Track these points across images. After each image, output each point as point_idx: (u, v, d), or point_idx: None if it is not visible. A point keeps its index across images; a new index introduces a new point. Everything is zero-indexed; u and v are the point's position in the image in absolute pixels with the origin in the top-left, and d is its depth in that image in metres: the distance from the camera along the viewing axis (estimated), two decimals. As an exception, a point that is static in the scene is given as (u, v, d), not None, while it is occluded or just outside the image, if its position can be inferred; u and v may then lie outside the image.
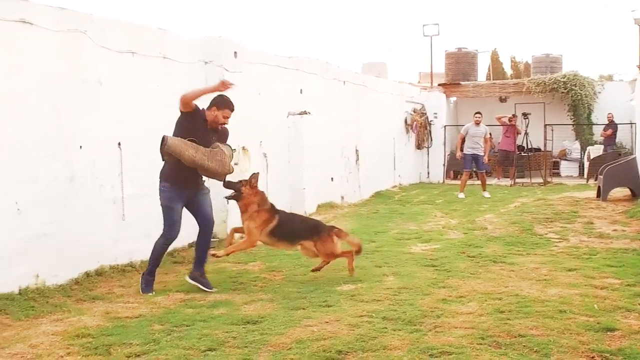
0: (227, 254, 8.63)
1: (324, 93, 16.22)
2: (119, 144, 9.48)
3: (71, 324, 6.78)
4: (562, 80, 25.08)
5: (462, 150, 19.09)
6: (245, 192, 8.64)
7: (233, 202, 11.42)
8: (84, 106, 8.91)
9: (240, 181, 8.78)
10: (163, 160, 8.15)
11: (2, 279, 7.58)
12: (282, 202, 13.98)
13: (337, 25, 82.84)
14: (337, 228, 9.11)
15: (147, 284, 8.27)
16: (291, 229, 8.82)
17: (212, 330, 6.46)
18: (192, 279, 8.34)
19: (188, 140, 8.07)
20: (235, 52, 11.81)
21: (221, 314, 7.07)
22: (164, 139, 7.99)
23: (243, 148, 11.96)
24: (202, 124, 8.33)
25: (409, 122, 23.01)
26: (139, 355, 5.80)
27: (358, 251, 9.01)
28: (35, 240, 8.08)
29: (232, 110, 8.50)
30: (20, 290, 7.75)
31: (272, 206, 8.84)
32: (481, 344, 5.93)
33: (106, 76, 9.31)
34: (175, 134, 8.20)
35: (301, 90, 15.04)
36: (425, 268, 9.28)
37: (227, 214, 11.48)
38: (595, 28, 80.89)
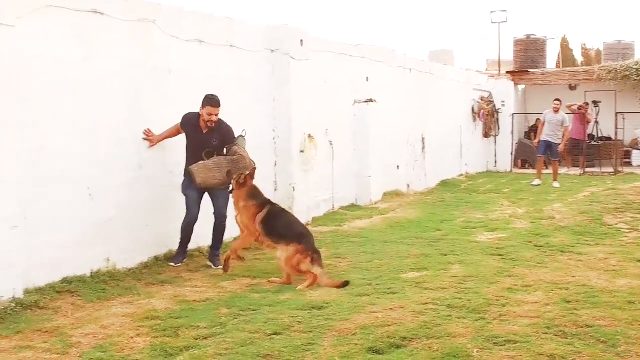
0: (235, 253, 8.61)
1: (390, 81, 16.17)
2: (188, 131, 9.63)
3: (141, 307, 6.96)
4: (635, 67, 24.42)
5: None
6: (233, 186, 8.55)
7: (299, 190, 11.64)
8: (154, 94, 9.08)
9: (233, 176, 8.61)
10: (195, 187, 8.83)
11: (75, 262, 7.81)
12: (348, 190, 14.11)
13: (404, 12, 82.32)
14: (317, 254, 8.14)
15: (176, 256, 9.03)
16: (278, 227, 8.30)
17: (277, 314, 6.55)
18: (209, 260, 9.15)
19: (206, 154, 8.78)
20: (301, 40, 11.86)
21: (287, 299, 7.16)
22: (192, 177, 8.70)
23: (309, 136, 12.02)
24: (196, 132, 8.97)
25: (476, 110, 22.78)
26: (206, 338, 5.92)
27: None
28: (107, 225, 8.29)
29: (212, 106, 8.83)
30: (92, 273, 7.97)
31: (263, 201, 8.48)
32: (547, 333, 5.89)
33: (175, 64, 9.46)
34: (186, 149, 9.04)
35: (367, 78, 15.02)
36: (491, 257, 9.22)
37: (293, 201, 11.57)
38: (670, 14, 78.65)
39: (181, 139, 9.33)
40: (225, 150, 9.01)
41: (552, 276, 8.02)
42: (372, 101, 14.73)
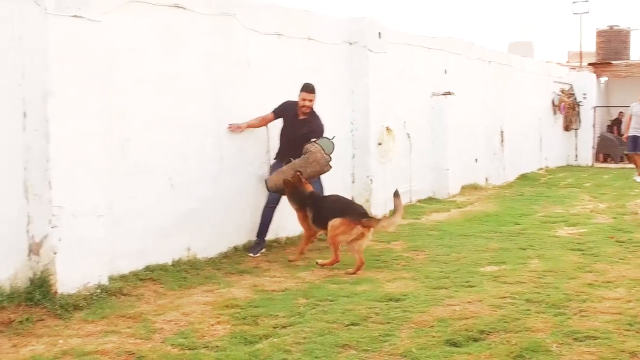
0: (301, 254, 8.82)
1: (468, 73, 16.03)
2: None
3: (221, 295, 7.09)
4: None
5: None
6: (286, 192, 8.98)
7: (377, 182, 11.67)
8: (234, 87, 9.22)
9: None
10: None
11: (158, 251, 8.00)
12: (425, 183, 14.07)
13: (483, 4, 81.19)
14: (369, 218, 8.59)
15: (255, 246, 9.13)
16: (323, 216, 8.55)
17: (355, 305, 6.59)
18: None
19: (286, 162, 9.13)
20: (379, 33, 11.85)
21: (364, 291, 7.20)
22: (266, 185, 9.20)
23: (387, 128, 12.01)
24: (291, 118, 9.43)
25: (556, 102, 22.40)
26: (284, 327, 6.00)
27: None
28: (188, 215, 8.47)
29: (307, 91, 9.35)
30: (173, 262, 8.15)
31: (302, 202, 8.80)
32: (629, 330, 5.79)
33: (254, 58, 9.58)
34: (280, 135, 9.56)
35: (445, 70, 14.94)
36: (571, 252, 9.08)
37: (370, 193, 11.60)
38: None
39: (261, 133, 9.49)
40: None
41: (634, 272, 7.85)
42: (450, 94, 14.63)
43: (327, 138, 9.27)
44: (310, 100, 9.35)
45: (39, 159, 6.53)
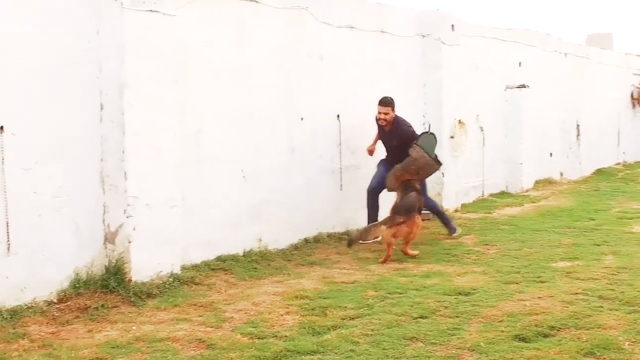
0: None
1: (543, 66, 15.77)
2: (338, 115, 9.78)
3: (290, 286, 7.17)
4: None
5: None
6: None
7: (449, 176, 11.62)
8: (306, 80, 9.28)
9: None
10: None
11: (229, 241, 8.12)
12: (498, 177, 13.93)
13: (561, -5, 79.56)
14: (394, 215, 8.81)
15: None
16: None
17: (424, 298, 6.58)
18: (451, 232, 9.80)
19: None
20: (452, 25, 11.76)
21: (434, 284, 7.17)
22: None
23: (459, 121, 11.92)
24: (382, 131, 9.67)
25: (635, 96, 21.83)
26: (353, 318, 6.03)
27: None
28: (259, 207, 8.57)
29: (380, 104, 9.50)
30: (244, 252, 8.27)
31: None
32: None
33: (326, 50, 9.62)
34: None
35: (520, 63, 14.74)
36: (647, 248, 8.87)
37: (442, 187, 11.54)
38: None
39: (333, 126, 9.57)
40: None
41: None
42: (524, 87, 14.42)
43: (425, 133, 9.40)
44: (386, 113, 9.47)
45: (114, 150, 6.70)
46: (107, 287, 6.54)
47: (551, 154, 16.25)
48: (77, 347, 5.36)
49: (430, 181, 11.55)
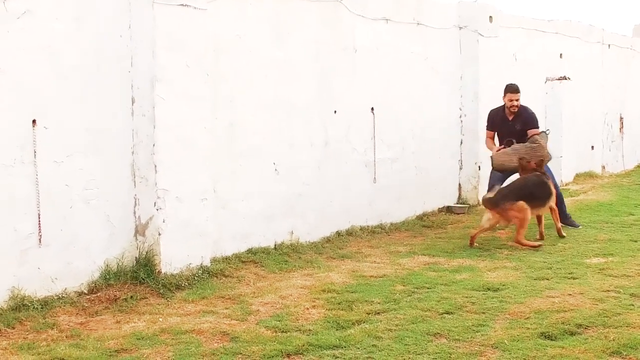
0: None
1: (585, 57, 15.55)
2: (372, 109, 9.76)
3: (319, 279, 7.19)
4: None
5: None
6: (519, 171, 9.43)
7: (484, 170, 11.51)
8: (341, 73, 9.27)
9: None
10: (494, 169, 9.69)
11: (261, 234, 8.18)
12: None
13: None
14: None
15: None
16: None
17: (452, 294, 6.56)
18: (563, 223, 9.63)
19: (506, 143, 9.59)
20: (490, 17, 11.65)
21: (463, 279, 7.14)
22: (491, 161, 9.62)
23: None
24: (503, 123, 9.86)
25: (683, 88, 21.41)
26: (378, 313, 6.03)
27: None
28: (292, 200, 8.60)
29: (511, 92, 9.78)
30: (276, 245, 8.32)
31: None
32: None
33: (361, 43, 9.59)
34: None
35: (561, 54, 14.55)
36: (686, 245, 8.70)
37: (478, 180, 11.47)
38: None
39: (367, 119, 9.53)
40: (528, 138, 9.50)
41: None
42: (565, 79, 14.24)
43: (543, 132, 9.72)
44: (517, 100, 9.77)
45: (145, 143, 6.78)
46: (136, 278, 6.64)
47: (593, 147, 16.02)
48: (104, 337, 5.45)
49: (467, 174, 11.54)
